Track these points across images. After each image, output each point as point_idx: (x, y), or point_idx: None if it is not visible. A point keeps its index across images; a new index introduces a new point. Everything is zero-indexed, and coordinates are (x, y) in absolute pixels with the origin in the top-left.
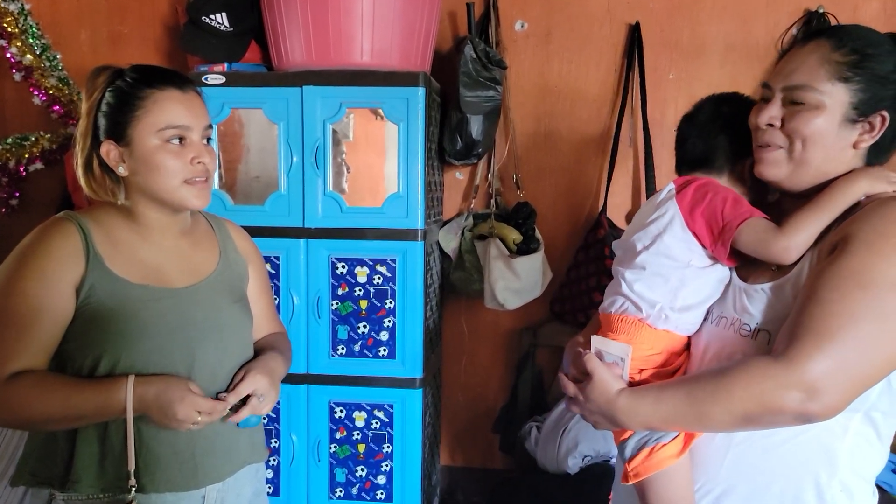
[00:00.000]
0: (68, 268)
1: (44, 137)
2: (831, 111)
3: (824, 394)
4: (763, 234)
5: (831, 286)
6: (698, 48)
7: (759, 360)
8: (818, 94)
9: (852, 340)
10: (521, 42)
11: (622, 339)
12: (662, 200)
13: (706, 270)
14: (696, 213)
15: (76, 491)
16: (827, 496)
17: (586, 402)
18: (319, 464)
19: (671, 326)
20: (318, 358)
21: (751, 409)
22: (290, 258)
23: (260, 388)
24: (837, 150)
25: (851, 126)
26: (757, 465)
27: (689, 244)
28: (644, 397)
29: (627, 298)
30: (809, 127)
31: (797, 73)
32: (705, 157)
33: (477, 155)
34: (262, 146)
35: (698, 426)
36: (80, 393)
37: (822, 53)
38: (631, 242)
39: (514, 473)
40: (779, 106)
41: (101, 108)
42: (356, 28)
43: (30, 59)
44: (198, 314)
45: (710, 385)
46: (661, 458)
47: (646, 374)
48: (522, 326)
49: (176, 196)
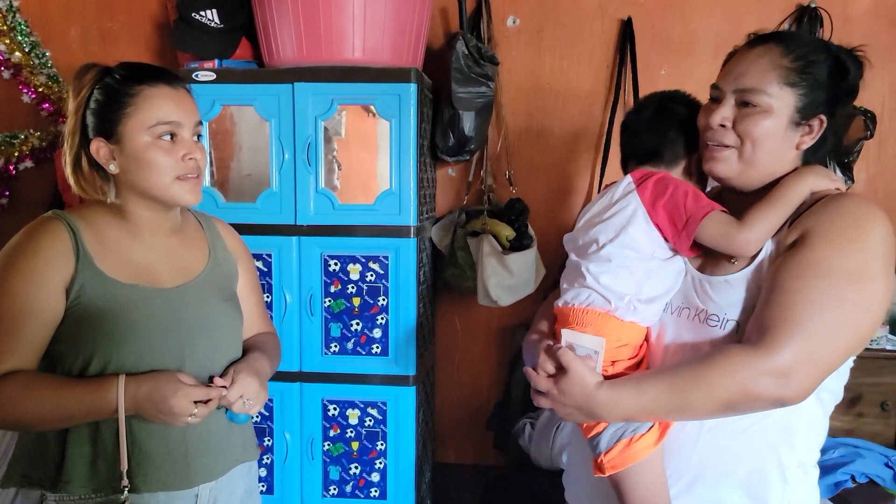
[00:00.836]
0: (58, 268)
1: (33, 136)
2: (779, 114)
3: (795, 379)
4: (726, 227)
5: (794, 276)
6: (690, 44)
7: (736, 350)
8: (768, 97)
9: (816, 327)
10: (512, 38)
11: (590, 331)
12: (622, 194)
13: (667, 262)
14: (658, 205)
15: (67, 492)
16: (787, 473)
17: (561, 395)
18: (313, 462)
19: (638, 318)
20: (311, 356)
21: (731, 396)
22: (282, 256)
23: (249, 393)
24: (783, 151)
25: (795, 128)
26: (726, 449)
27: (652, 236)
28: (624, 389)
29: (594, 291)
30: (759, 129)
31: (748, 77)
32: (655, 151)
33: (469, 151)
34: (253, 143)
35: (680, 415)
36: (71, 393)
37: (772, 58)
38: (591, 236)
39: (507, 470)
40: (731, 107)
41: (89, 105)
42: (348, 24)
43: (19, 56)
44: (188, 313)
45: (691, 375)
46: (638, 448)
47: (618, 366)
48: (515, 323)
49: (168, 193)
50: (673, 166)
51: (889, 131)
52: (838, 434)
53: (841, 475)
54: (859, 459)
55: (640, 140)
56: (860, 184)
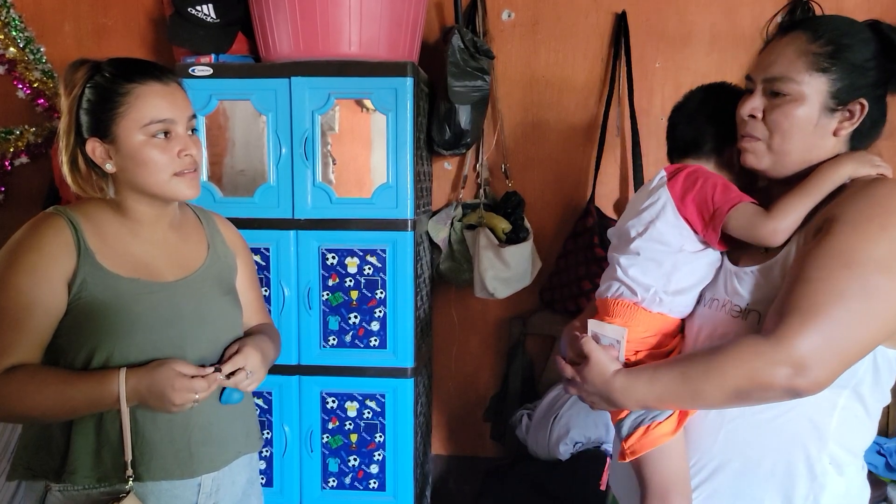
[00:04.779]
0: (60, 263)
1: (28, 131)
2: (811, 101)
3: (811, 369)
4: (752, 218)
5: (817, 266)
6: (685, 37)
7: (749, 339)
8: (797, 84)
9: (838, 318)
10: (508, 31)
11: (618, 322)
12: (654, 188)
13: (698, 255)
14: (687, 199)
15: (72, 482)
16: (817, 469)
17: (583, 383)
18: (312, 454)
19: (665, 309)
20: (310, 349)
21: (742, 385)
22: (280, 250)
23: (251, 364)
24: (818, 139)
25: (831, 114)
26: (749, 441)
27: (681, 230)
28: (639, 377)
29: (623, 283)
30: (789, 119)
31: (776, 65)
32: (694, 144)
33: (465, 145)
34: (249, 139)
35: (692, 403)
36: (74, 386)
37: (799, 45)
38: (625, 229)
39: (505, 461)
40: (760, 97)
41: (82, 104)
42: (344, 18)
43: (13, 52)
44: (188, 307)
45: (703, 363)
46: (656, 435)
47: (641, 355)
48: (512, 315)
49: (167, 189)
50: (712, 158)
51: None
52: None
53: None
54: None
55: (681, 132)
56: None
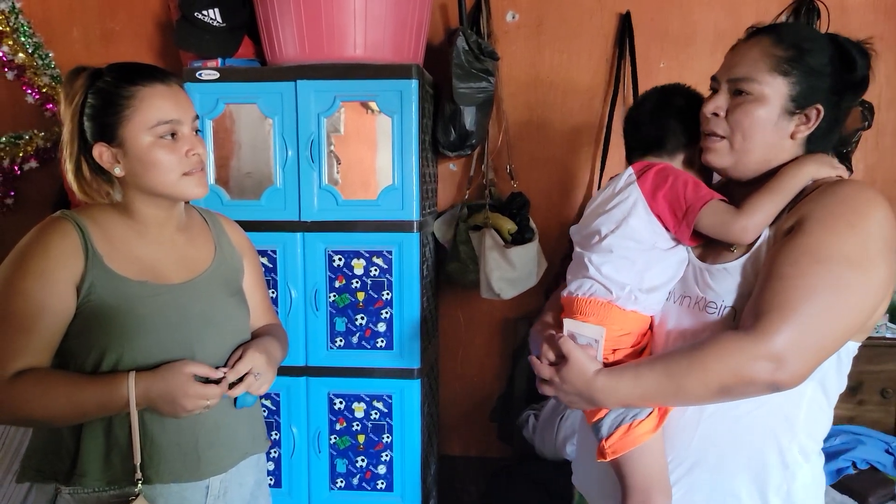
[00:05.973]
0: (68, 266)
1: (38, 136)
2: (772, 103)
3: (790, 363)
4: (723, 215)
5: (790, 262)
6: (689, 37)
7: (730, 335)
8: (759, 84)
9: (812, 312)
10: (512, 33)
11: (592, 321)
12: (623, 186)
13: (669, 252)
14: (658, 195)
15: (82, 485)
16: (788, 459)
17: (563, 383)
18: (320, 455)
19: (639, 307)
20: (317, 350)
21: (725, 381)
22: (286, 252)
23: (257, 366)
24: (777, 140)
25: (789, 118)
26: (725, 436)
27: (653, 226)
28: (622, 376)
29: (596, 281)
30: (750, 118)
31: (740, 66)
32: (658, 141)
33: (470, 146)
34: (256, 142)
35: (676, 400)
36: (83, 390)
37: (763, 48)
38: (594, 227)
39: (512, 461)
40: (725, 97)
41: (84, 111)
42: (349, 22)
43: (22, 57)
44: (195, 308)
45: (686, 361)
46: (638, 434)
47: (619, 354)
48: (518, 315)
49: (177, 189)
50: (675, 156)
51: (886, 121)
52: (840, 422)
53: (842, 462)
54: (860, 446)
55: (643, 131)
56: (858, 174)
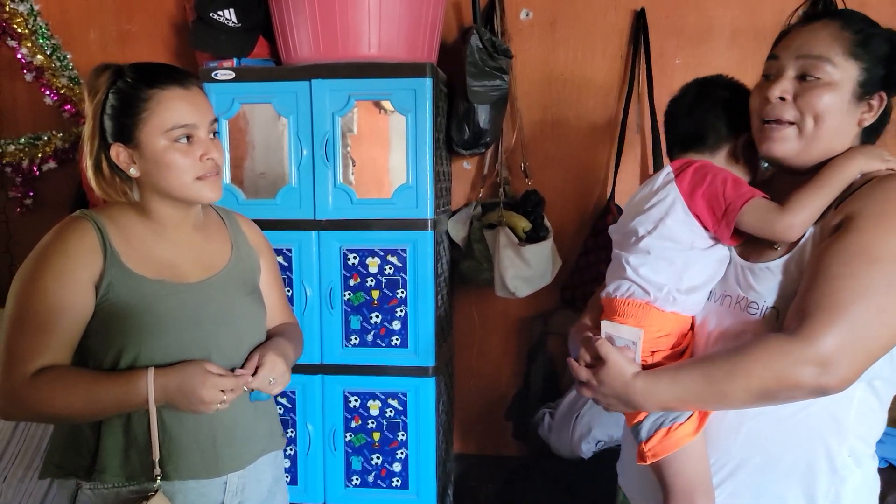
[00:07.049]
0: (87, 265)
1: (56, 137)
2: (842, 87)
3: (838, 367)
4: (766, 213)
5: (840, 262)
6: (705, 33)
7: (773, 338)
8: (832, 66)
9: (863, 314)
10: (526, 31)
11: (630, 322)
12: (661, 184)
13: (708, 251)
14: (696, 195)
15: (102, 481)
16: (837, 462)
17: (600, 385)
18: (335, 452)
19: (678, 308)
20: (332, 348)
21: (769, 385)
22: (302, 250)
23: (277, 373)
24: (846, 127)
25: (857, 104)
26: (770, 437)
27: (692, 226)
28: (661, 379)
29: (633, 283)
30: (823, 102)
31: (812, 45)
32: (698, 137)
33: (484, 144)
34: (270, 141)
35: (716, 405)
36: (103, 387)
37: (832, 30)
38: (631, 227)
39: (527, 460)
40: (791, 80)
41: (105, 110)
42: (363, 21)
43: (40, 59)
44: (212, 307)
45: (727, 364)
46: (678, 437)
47: (658, 356)
48: (533, 314)
49: (190, 192)
50: (717, 152)
51: None
52: None
53: None
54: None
55: (682, 126)
56: None
